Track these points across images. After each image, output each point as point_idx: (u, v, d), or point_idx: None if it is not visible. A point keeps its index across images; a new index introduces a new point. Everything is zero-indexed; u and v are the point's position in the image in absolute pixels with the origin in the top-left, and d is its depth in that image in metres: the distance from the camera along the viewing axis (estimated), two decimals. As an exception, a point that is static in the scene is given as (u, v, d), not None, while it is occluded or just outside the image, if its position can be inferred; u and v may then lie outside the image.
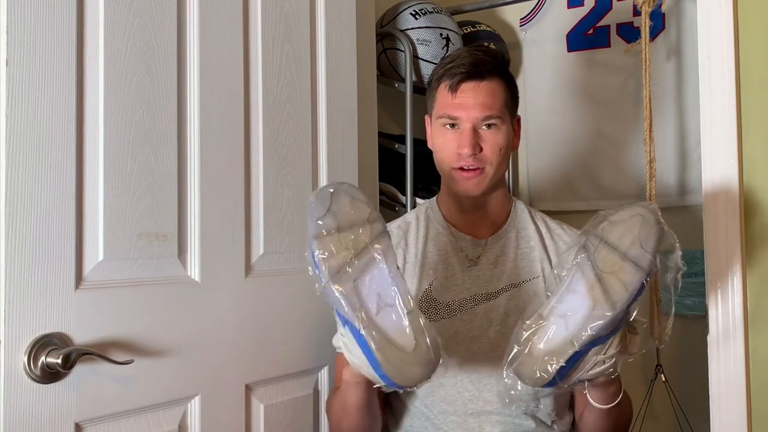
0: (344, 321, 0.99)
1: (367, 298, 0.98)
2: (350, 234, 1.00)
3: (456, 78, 1.25)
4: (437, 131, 1.29)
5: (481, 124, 1.24)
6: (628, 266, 0.99)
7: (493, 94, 1.25)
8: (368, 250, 1.00)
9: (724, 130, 1.23)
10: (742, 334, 1.21)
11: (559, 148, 2.21)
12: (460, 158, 1.24)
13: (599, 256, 1.01)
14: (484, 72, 1.25)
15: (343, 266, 0.98)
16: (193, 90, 1.21)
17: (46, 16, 1.00)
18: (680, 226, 2.00)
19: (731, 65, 1.23)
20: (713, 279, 1.24)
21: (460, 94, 1.24)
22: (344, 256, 0.98)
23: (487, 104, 1.24)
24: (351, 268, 0.98)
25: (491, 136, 1.25)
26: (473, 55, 1.28)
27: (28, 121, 0.97)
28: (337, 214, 1.01)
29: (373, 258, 1.00)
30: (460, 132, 1.25)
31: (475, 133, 1.24)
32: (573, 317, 0.99)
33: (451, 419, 1.24)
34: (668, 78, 2.02)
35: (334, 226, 1.00)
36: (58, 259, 1.00)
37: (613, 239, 1.02)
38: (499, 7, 2.26)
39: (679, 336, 1.98)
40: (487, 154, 1.25)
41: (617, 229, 1.03)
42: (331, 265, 0.97)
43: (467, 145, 1.23)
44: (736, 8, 1.23)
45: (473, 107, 1.23)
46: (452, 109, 1.25)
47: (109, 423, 1.06)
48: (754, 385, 1.20)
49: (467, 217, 1.33)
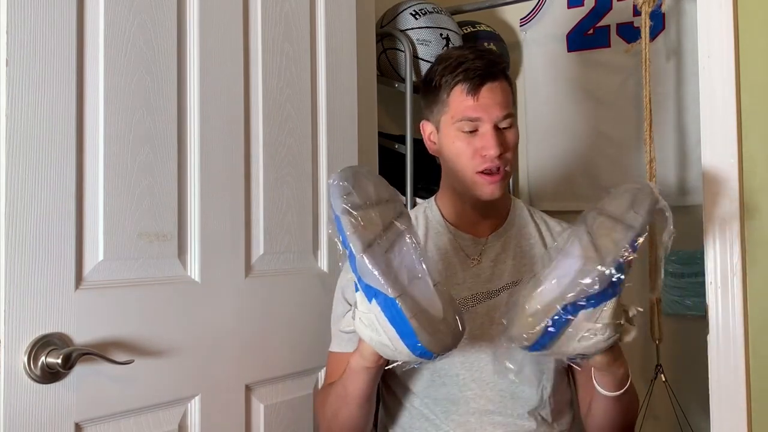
0: (373, 293, 0.99)
1: (399, 269, 1.00)
2: (376, 210, 1.04)
3: (475, 80, 1.23)
4: (453, 137, 1.25)
5: (501, 123, 1.24)
6: (620, 226, 1.01)
7: (506, 93, 1.27)
8: (394, 226, 1.04)
9: (724, 130, 1.23)
10: (742, 334, 1.21)
11: (559, 148, 2.21)
12: (485, 160, 1.22)
13: (596, 223, 1.04)
14: (497, 72, 1.26)
15: (374, 239, 1.00)
16: (193, 90, 1.21)
17: (46, 16, 1.00)
18: (680, 226, 2.01)
19: (731, 65, 1.23)
20: (713, 279, 1.24)
21: (482, 95, 1.23)
22: (374, 230, 1.01)
23: (504, 103, 1.25)
24: (381, 240, 1.01)
25: (511, 136, 1.26)
26: (482, 57, 1.26)
27: (28, 121, 0.97)
28: (361, 192, 1.04)
29: (400, 232, 1.04)
30: (481, 134, 1.23)
31: (499, 133, 1.23)
32: (565, 278, 1.00)
33: (453, 419, 1.23)
34: (668, 78, 2.02)
35: (361, 203, 1.03)
36: (58, 259, 1.00)
37: (610, 209, 1.05)
38: (499, 7, 2.26)
39: (679, 336, 1.98)
40: (508, 156, 1.25)
41: (614, 201, 1.06)
42: (363, 238, 0.99)
43: (493, 146, 1.21)
44: (736, 8, 1.23)
45: (493, 107, 1.23)
46: (473, 110, 1.23)
47: (109, 423, 1.06)
48: (754, 385, 1.20)
49: (468, 216, 1.33)
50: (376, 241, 1.00)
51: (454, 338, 1.00)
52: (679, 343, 1.97)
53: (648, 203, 1.03)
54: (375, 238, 1.00)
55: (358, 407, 1.19)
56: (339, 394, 1.20)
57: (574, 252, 1.02)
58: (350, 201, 1.02)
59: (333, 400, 1.22)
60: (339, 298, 1.31)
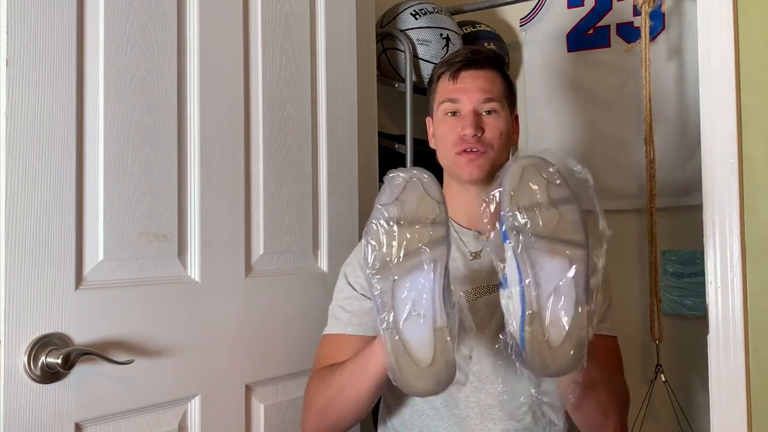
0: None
1: (399, 301, 0.96)
2: (407, 231, 0.97)
3: (455, 66, 1.29)
4: (439, 122, 1.31)
5: (482, 107, 1.27)
6: (562, 207, 0.98)
7: (492, 81, 1.29)
8: (418, 254, 0.97)
9: (724, 130, 1.23)
10: (742, 334, 1.21)
11: (559, 148, 2.21)
12: (463, 141, 1.26)
13: (532, 223, 0.97)
14: (482, 61, 1.30)
15: (389, 262, 0.96)
16: (193, 90, 1.21)
17: (46, 16, 1.00)
18: (680, 226, 2.03)
19: (731, 65, 1.23)
20: (713, 279, 1.24)
21: (460, 80, 1.29)
22: (393, 252, 0.96)
23: (486, 88, 1.28)
24: (395, 266, 0.96)
25: (492, 121, 1.28)
26: (471, 49, 1.35)
27: (28, 121, 0.97)
28: (403, 206, 0.98)
29: (420, 263, 0.97)
30: (461, 117, 1.27)
31: (477, 116, 1.27)
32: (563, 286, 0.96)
33: (453, 413, 1.23)
34: (668, 78, 2.02)
35: (395, 218, 0.97)
36: (58, 259, 1.00)
37: (528, 202, 0.98)
38: (499, 7, 2.27)
39: (679, 336, 1.98)
40: (489, 137, 1.27)
41: (522, 192, 0.99)
42: (376, 257, 0.97)
43: (469, 126, 1.25)
44: (736, 8, 1.23)
45: (473, 90, 1.27)
46: (453, 92, 1.28)
47: (109, 423, 1.06)
48: (754, 385, 1.20)
49: (469, 210, 1.33)
50: (389, 265, 0.96)
51: (436, 386, 0.96)
52: (679, 343, 1.97)
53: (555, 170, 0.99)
54: (390, 260, 0.96)
55: (374, 386, 1.15)
56: (353, 371, 1.16)
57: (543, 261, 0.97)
58: (386, 212, 0.98)
59: (343, 377, 1.18)
60: (342, 280, 1.32)
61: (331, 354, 1.25)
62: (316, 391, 1.24)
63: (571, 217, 0.98)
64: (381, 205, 0.99)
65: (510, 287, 0.99)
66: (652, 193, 1.81)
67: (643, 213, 1.90)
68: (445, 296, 0.98)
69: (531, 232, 0.97)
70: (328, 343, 1.29)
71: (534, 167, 1.00)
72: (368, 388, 1.15)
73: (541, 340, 0.95)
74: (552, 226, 0.97)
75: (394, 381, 0.98)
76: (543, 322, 0.96)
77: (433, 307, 0.96)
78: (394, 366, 0.96)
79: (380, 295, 0.96)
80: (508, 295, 0.99)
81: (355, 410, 1.20)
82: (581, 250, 0.97)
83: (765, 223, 1.21)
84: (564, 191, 0.99)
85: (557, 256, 0.97)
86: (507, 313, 1.00)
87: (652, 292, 1.81)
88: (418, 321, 0.96)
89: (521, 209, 0.98)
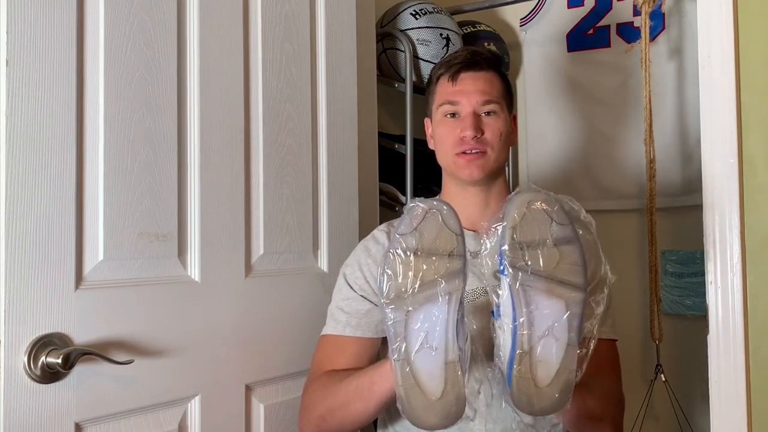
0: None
1: (412, 333, 0.96)
2: (424, 262, 0.96)
3: (454, 68, 1.30)
4: (438, 122, 1.31)
5: (482, 109, 1.27)
6: (563, 247, 0.97)
7: (491, 82, 1.30)
8: (434, 286, 0.96)
9: (724, 130, 1.23)
10: (742, 334, 1.21)
11: (559, 149, 2.21)
12: (463, 142, 1.26)
13: (532, 261, 0.97)
14: (481, 62, 1.30)
15: (403, 292, 0.96)
16: (193, 90, 1.21)
17: (46, 16, 1.00)
18: (680, 226, 2.02)
19: (731, 65, 1.23)
20: (713, 279, 1.24)
21: (459, 82, 1.29)
22: (408, 283, 0.96)
23: (486, 90, 1.28)
24: (410, 296, 0.96)
25: (492, 122, 1.28)
26: (470, 50, 1.35)
27: (28, 121, 0.97)
28: (421, 236, 0.97)
29: (435, 295, 0.96)
30: (461, 119, 1.27)
31: (477, 117, 1.27)
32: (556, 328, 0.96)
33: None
34: (668, 78, 2.02)
35: (413, 248, 0.97)
36: (58, 259, 1.00)
37: (530, 238, 0.98)
38: (499, 7, 2.26)
39: (679, 336, 1.98)
40: (489, 138, 1.27)
41: (524, 228, 0.99)
42: (391, 286, 0.96)
43: (469, 127, 1.25)
44: (736, 8, 1.23)
45: (473, 93, 1.28)
46: (453, 95, 1.28)
47: (109, 423, 1.06)
48: (754, 385, 1.20)
49: (469, 211, 1.33)
50: (404, 296, 0.96)
51: (444, 420, 0.96)
52: (679, 343, 1.97)
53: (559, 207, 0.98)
54: (405, 291, 0.96)
55: (378, 406, 1.15)
56: (359, 389, 1.16)
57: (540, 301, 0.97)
58: (404, 242, 0.97)
59: (348, 392, 1.18)
60: (341, 280, 1.32)
61: (330, 355, 1.25)
62: (317, 397, 1.23)
63: (572, 257, 0.98)
64: (399, 235, 0.98)
65: (503, 319, 0.99)
66: (652, 193, 1.81)
67: (643, 213, 1.90)
68: (459, 329, 0.97)
69: (530, 269, 0.97)
70: (326, 344, 1.29)
71: (539, 203, 0.99)
72: (373, 408, 1.16)
73: (529, 379, 0.96)
74: (551, 266, 0.97)
75: (402, 413, 0.97)
76: (532, 361, 0.96)
77: (445, 339, 0.96)
78: (403, 397, 0.95)
79: (393, 325, 0.96)
80: (500, 326, 1.00)
81: (359, 423, 1.20)
82: (579, 293, 0.97)
83: (765, 223, 1.21)
84: (567, 230, 0.98)
85: (554, 297, 0.96)
86: (496, 345, 1.00)
87: (652, 292, 1.81)
88: (430, 353, 0.95)
89: (522, 245, 0.97)
